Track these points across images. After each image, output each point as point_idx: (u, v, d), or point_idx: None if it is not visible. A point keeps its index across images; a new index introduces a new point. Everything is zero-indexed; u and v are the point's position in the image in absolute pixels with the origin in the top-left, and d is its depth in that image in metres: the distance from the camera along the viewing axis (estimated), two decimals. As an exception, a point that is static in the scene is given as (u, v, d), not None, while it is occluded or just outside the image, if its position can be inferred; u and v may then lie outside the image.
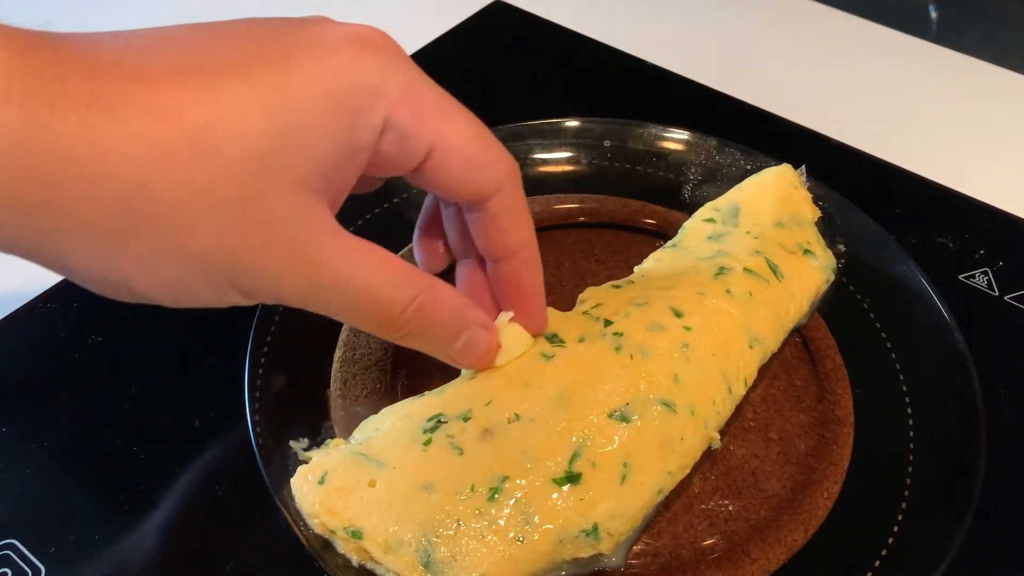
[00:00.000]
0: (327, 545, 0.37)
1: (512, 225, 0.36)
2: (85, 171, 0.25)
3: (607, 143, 0.59)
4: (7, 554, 0.39)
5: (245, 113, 0.27)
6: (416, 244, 0.41)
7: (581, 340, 0.41)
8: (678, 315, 0.42)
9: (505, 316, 0.39)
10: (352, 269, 0.31)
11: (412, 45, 0.71)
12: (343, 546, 0.36)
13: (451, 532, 0.35)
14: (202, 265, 0.28)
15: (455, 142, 0.32)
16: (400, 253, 0.51)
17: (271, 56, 0.28)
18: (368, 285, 0.31)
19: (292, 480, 0.37)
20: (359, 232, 0.32)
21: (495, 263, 0.38)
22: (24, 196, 0.25)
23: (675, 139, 0.58)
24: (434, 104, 0.31)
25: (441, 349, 0.36)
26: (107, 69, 0.26)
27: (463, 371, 0.42)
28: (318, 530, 0.36)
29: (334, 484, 0.36)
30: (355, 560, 0.36)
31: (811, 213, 0.52)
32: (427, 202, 0.40)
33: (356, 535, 0.35)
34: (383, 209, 0.53)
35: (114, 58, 0.27)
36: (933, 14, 0.80)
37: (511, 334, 0.39)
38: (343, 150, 0.30)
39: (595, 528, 0.36)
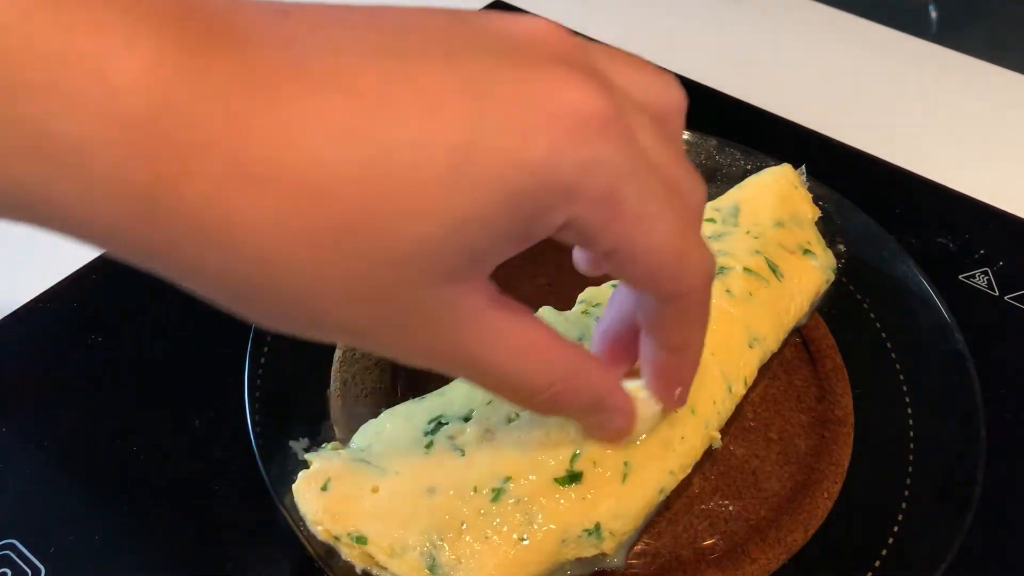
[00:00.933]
0: (329, 547, 0.37)
1: (681, 328, 0.32)
2: (208, 238, 0.22)
3: (607, 143, 0.58)
4: (7, 554, 0.39)
5: (403, 207, 0.23)
6: (601, 338, 0.37)
7: (580, 339, 0.41)
8: (678, 315, 0.42)
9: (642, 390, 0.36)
10: (493, 357, 0.29)
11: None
12: (347, 552, 0.36)
13: (455, 535, 0.35)
14: (327, 334, 0.27)
15: (643, 252, 0.28)
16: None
17: (459, 126, 0.23)
18: (508, 373, 0.30)
19: (294, 487, 0.37)
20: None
21: (651, 344, 0.34)
22: (141, 250, 0.23)
23: (675, 139, 0.58)
24: (634, 210, 0.26)
25: (575, 418, 0.36)
26: (258, 110, 0.22)
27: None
28: (322, 537, 0.36)
29: (337, 491, 0.36)
30: (359, 567, 0.36)
31: (811, 213, 0.52)
32: None
33: (361, 540, 0.35)
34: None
35: (271, 90, 0.22)
36: (933, 14, 0.80)
37: (647, 407, 0.37)
38: (509, 244, 0.26)
39: (597, 527, 0.36)
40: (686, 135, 0.58)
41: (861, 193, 0.54)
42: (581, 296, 0.46)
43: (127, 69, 0.21)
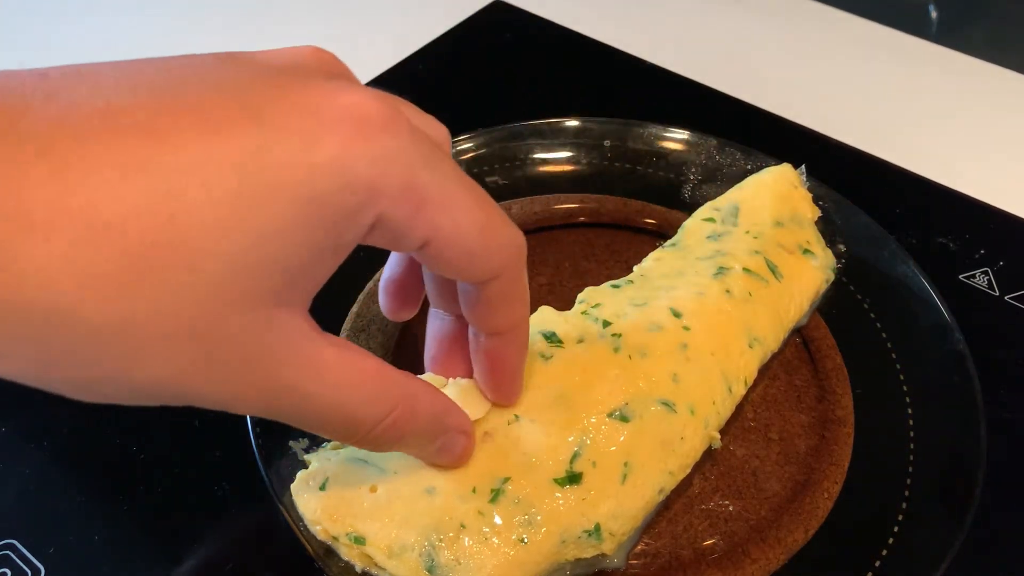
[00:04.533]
0: (329, 547, 0.37)
1: (505, 309, 0.33)
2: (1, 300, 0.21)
3: (607, 143, 0.59)
4: (7, 554, 0.39)
5: (201, 228, 0.22)
6: (384, 292, 0.37)
7: (580, 341, 0.41)
8: (677, 315, 0.42)
9: (465, 382, 0.37)
10: (318, 387, 0.27)
11: (412, 45, 0.71)
12: (346, 552, 0.36)
13: (454, 535, 0.35)
14: (144, 392, 0.25)
15: (453, 236, 0.28)
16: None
17: (242, 142, 0.23)
18: (335, 404, 0.28)
19: (293, 486, 0.37)
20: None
21: (478, 335, 0.35)
22: None
23: (675, 139, 0.58)
24: (435, 197, 0.27)
25: (414, 453, 0.35)
26: (29, 159, 0.21)
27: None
28: (320, 536, 0.36)
29: (335, 490, 0.36)
30: (358, 566, 0.36)
31: (811, 213, 0.52)
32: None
33: (359, 541, 0.35)
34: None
35: (40, 138, 0.21)
36: (933, 14, 0.80)
37: (470, 401, 0.37)
38: (322, 255, 0.26)
39: (597, 528, 0.36)
40: (686, 135, 0.58)
41: (861, 193, 0.54)
42: (581, 296, 0.46)
43: None
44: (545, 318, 0.43)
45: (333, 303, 0.49)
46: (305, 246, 0.25)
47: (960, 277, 0.53)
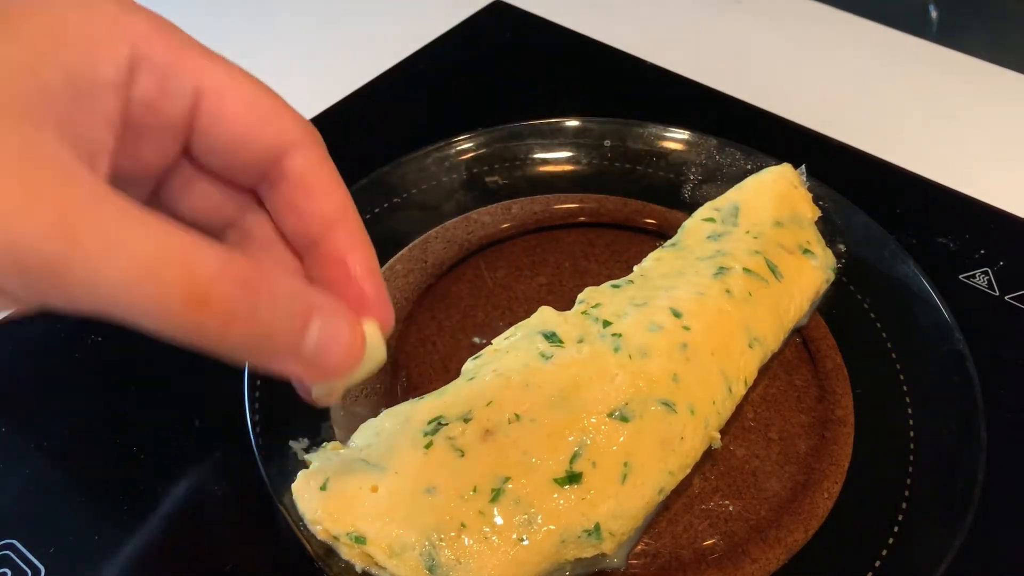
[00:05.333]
0: (328, 547, 0.37)
1: (323, 188, 0.28)
2: None
3: (607, 143, 0.59)
4: (7, 554, 0.39)
5: None
6: None
7: (580, 341, 0.41)
8: (677, 315, 0.42)
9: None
10: (133, 228, 0.21)
11: (412, 45, 0.71)
12: (347, 552, 0.36)
13: (455, 535, 0.35)
14: None
15: (228, 82, 0.25)
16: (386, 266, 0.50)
17: None
18: (161, 246, 0.22)
19: (293, 486, 0.37)
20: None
21: (314, 248, 0.29)
22: None
23: (675, 139, 0.58)
24: (195, 46, 0.25)
25: (285, 349, 0.25)
26: None
27: (462, 373, 0.42)
28: (321, 536, 0.36)
29: (336, 490, 0.36)
30: (359, 566, 0.36)
31: (811, 213, 0.52)
32: None
33: (360, 540, 0.35)
34: (373, 215, 0.53)
35: None
36: (933, 14, 0.80)
37: (370, 337, 0.29)
38: (80, 81, 0.23)
39: (597, 528, 0.36)
40: (686, 135, 0.58)
41: (861, 193, 0.54)
42: (581, 296, 0.46)
43: None
44: (545, 318, 0.43)
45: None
46: (56, 65, 0.23)
47: (960, 277, 0.53)
